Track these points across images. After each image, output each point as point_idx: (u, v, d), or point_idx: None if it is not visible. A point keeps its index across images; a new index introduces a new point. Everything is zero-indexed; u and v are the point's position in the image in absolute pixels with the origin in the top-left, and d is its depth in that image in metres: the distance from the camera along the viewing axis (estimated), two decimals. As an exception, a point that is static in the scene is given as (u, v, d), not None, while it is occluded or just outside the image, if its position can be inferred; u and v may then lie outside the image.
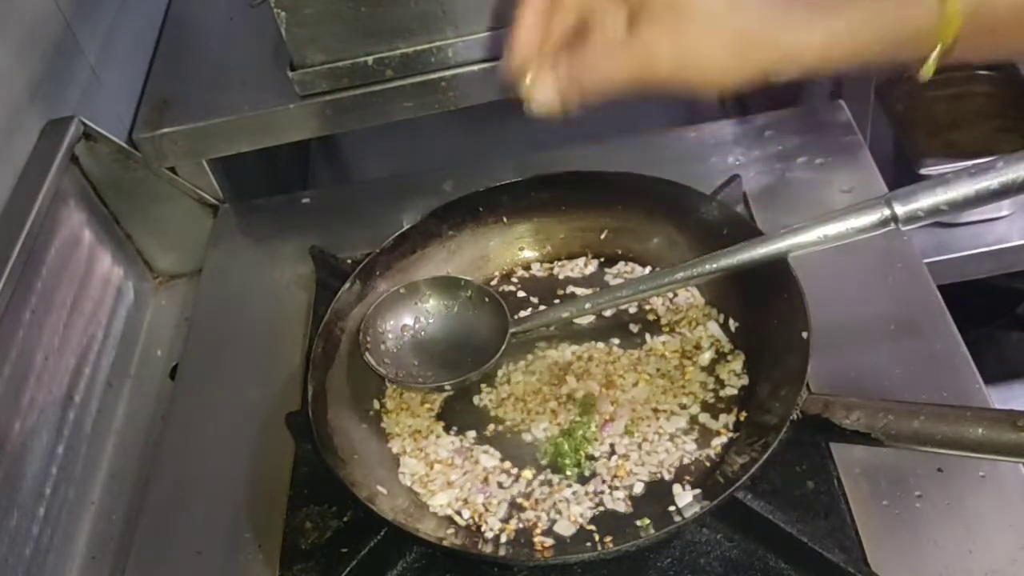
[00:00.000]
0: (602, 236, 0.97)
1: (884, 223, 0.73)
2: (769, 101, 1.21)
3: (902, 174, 1.20)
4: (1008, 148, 1.18)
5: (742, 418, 0.80)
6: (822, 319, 0.79)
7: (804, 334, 0.77)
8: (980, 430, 0.65)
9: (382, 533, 0.75)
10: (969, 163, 0.71)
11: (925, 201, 0.71)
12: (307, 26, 1.00)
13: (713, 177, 0.98)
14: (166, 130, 1.08)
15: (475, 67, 1.04)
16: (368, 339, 0.87)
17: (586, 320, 0.91)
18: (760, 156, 1.07)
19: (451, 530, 0.77)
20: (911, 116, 1.25)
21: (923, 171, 1.18)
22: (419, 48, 1.03)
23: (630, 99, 0.66)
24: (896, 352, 0.85)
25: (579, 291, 0.94)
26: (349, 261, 1.00)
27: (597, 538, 0.74)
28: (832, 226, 0.75)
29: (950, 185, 0.70)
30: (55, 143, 0.97)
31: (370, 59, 1.03)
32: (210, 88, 1.13)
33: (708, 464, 0.78)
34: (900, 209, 0.72)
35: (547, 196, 0.97)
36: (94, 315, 1.01)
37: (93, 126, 1.01)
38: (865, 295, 0.90)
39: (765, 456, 0.71)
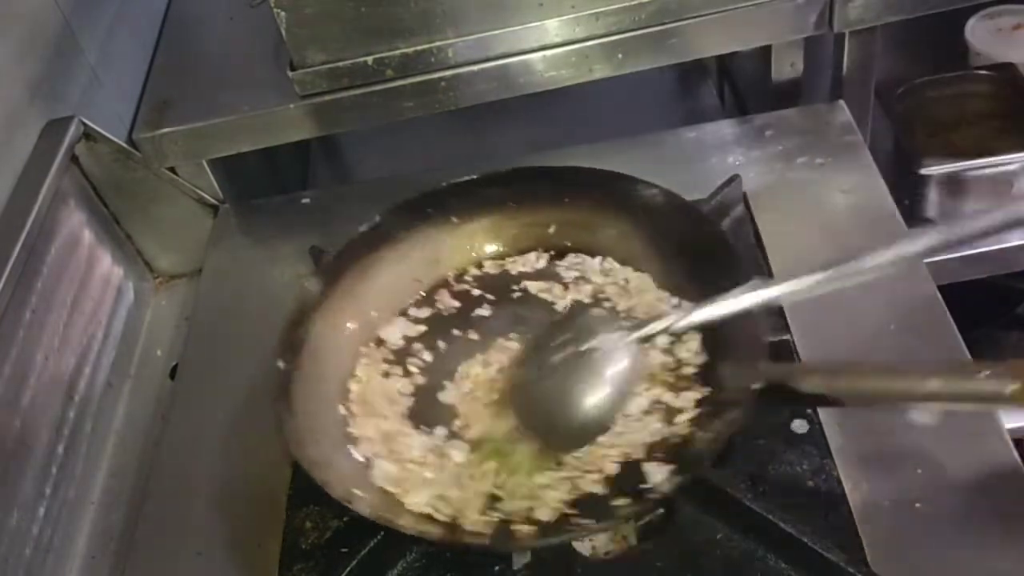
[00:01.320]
0: (551, 230, 0.97)
1: None
2: (769, 101, 1.21)
3: (902, 174, 1.20)
4: (1008, 148, 1.18)
5: (705, 394, 0.80)
6: (822, 320, 0.79)
7: None
8: (938, 381, 0.66)
9: (382, 533, 0.75)
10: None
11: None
12: (307, 26, 1.00)
13: (713, 177, 0.99)
14: (166, 130, 1.09)
15: (475, 67, 1.04)
16: None
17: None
18: (760, 156, 1.07)
19: (434, 526, 0.75)
20: (911, 116, 1.25)
21: (923, 171, 1.18)
22: (419, 48, 1.03)
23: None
24: (896, 352, 0.85)
25: (532, 285, 0.94)
26: (349, 261, 1.00)
27: (579, 520, 0.74)
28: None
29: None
30: (55, 143, 0.97)
31: (370, 59, 1.03)
32: (210, 88, 1.13)
33: (677, 441, 0.78)
34: None
35: (496, 193, 0.97)
36: (94, 315, 1.01)
37: (93, 126, 1.01)
38: (865, 295, 0.90)
39: (732, 428, 0.72)
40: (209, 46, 1.21)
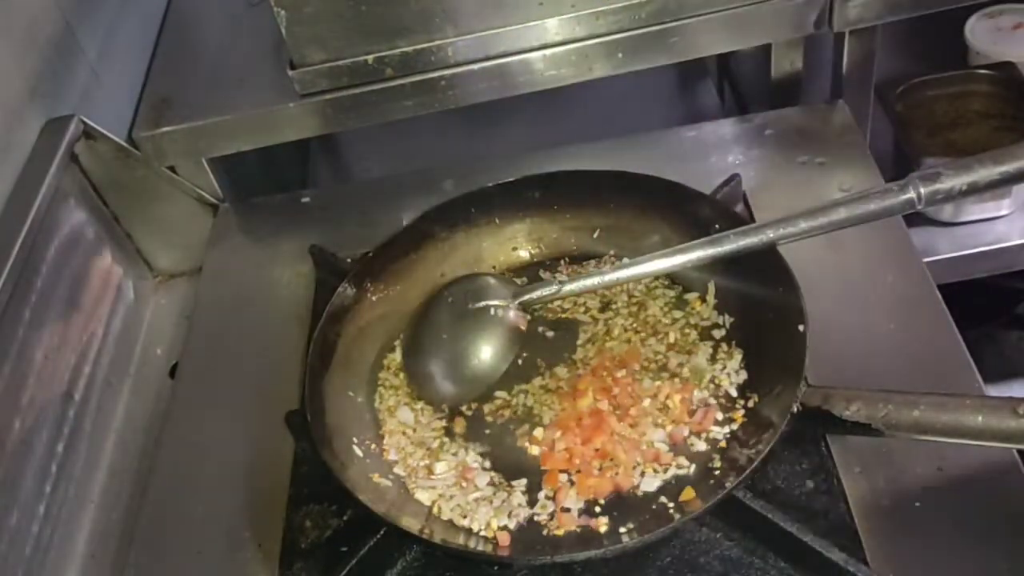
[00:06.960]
0: (594, 235, 0.97)
1: (909, 203, 0.75)
2: (769, 100, 1.21)
3: (902, 174, 1.20)
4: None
5: (742, 413, 0.80)
6: (822, 319, 0.79)
7: (801, 327, 0.77)
8: (980, 418, 0.66)
9: (382, 532, 0.75)
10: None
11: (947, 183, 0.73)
12: (307, 25, 1.00)
13: (713, 176, 0.99)
14: (166, 129, 1.08)
15: (475, 66, 1.04)
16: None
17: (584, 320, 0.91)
18: (760, 156, 1.07)
19: (450, 531, 0.77)
20: (911, 116, 1.25)
21: (923, 170, 1.18)
22: (419, 47, 1.03)
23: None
24: (896, 352, 0.85)
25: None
26: (349, 260, 1.00)
27: (598, 538, 0.74)
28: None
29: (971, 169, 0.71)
30: (55, 142, 0.97)
31: (370, 58, 1.03)
32: (210, 87, 1.13)
33: (708, 461, 0.78)
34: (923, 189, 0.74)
35: (539, 196, 0.97)
36: (94, 313, 1.01)
37: (93, 125, 1.01)
38: (865, 295, 0.90)
39: (767, 450, 0.72)
40: (209, 45, 1.21)
